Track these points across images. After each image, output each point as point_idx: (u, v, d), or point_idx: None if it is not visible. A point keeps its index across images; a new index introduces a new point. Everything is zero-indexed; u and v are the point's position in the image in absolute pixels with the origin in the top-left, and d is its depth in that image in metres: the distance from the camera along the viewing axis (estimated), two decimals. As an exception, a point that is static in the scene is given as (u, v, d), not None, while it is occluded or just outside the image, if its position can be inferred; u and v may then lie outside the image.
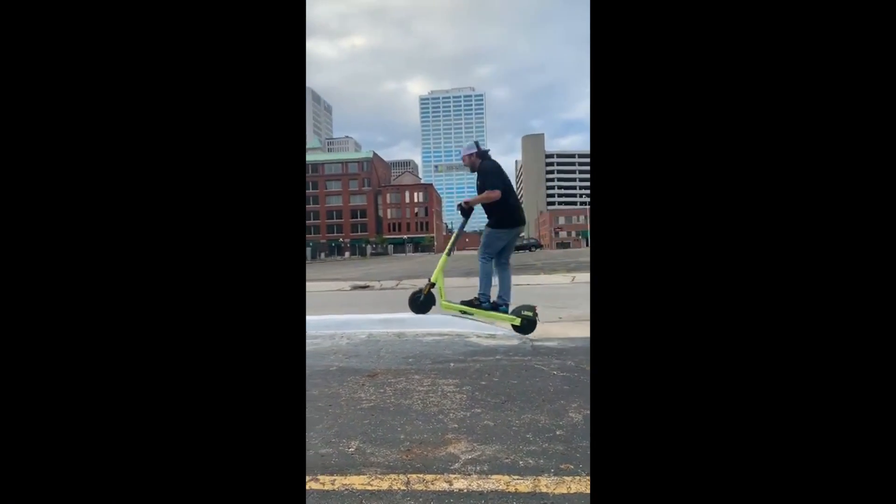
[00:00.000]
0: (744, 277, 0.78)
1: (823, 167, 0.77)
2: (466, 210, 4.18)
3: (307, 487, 1.48)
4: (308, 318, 4.71)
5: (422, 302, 4.14)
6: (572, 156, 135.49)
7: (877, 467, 0.72)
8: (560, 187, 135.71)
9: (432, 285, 4.12)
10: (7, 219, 0.79)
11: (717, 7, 0.79)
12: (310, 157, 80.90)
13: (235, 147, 0.86)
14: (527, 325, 3.93)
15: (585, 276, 9.14)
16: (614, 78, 0.82)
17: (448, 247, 4.42)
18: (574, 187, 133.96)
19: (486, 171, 4.02)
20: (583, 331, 4.08)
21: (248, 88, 0.86)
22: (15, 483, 0.77)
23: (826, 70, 0.76)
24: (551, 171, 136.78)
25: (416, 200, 77.85)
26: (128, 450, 0.80)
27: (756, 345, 0.77)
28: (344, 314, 5.15)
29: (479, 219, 4.04)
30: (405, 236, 75.12)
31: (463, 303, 4.05)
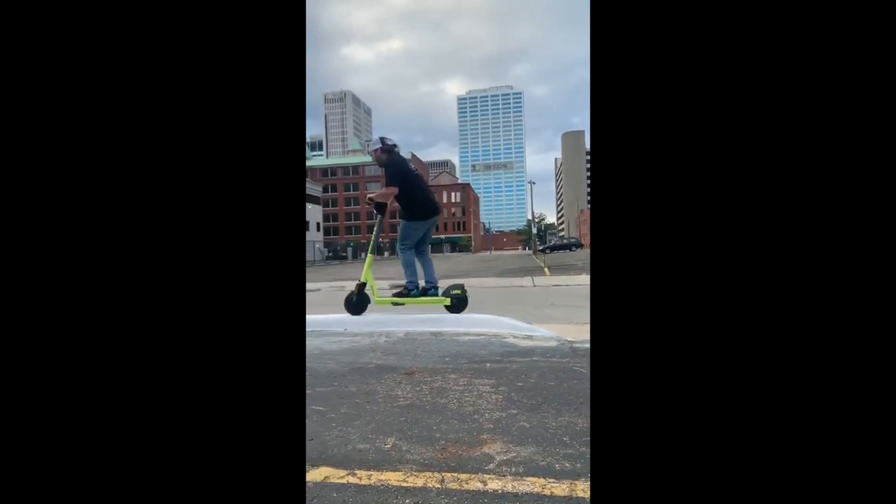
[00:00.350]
0: (745, 278, 0.77)
1: (825, 169, 0.75)
2: (378, 206, 4.33)
3: (345, 481, 1.52)
4: (348, 316, 4.84)
5: (355, 302, 4.30)
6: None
7: (877, 472, 0.71)
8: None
9: (363, 285, 4.27)
10: (7, 219, 0.80)
11: (718, 7, 0.78)
12: (351, 159, 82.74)
13: (235, 147, 0.87)
14: (457, 303, 4.11)
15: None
16: (614, 78, 0.82)
17: (371, 245, 4.54)
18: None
19: (387, 167, 4.22)
20: (624, 333, 3.95)
21: (248, 88, 0.87)
22: (15, 483, 0.77)
23: (829, 73, 0.75)
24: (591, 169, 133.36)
25: (453, 200, 78.00)
26: (128, 449, 0.81)
27: (758, 345, 0.76)
28: (382, 313, 5.24)
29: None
30: (442, 236, 75.43)
31: (394, 294, 4.17)
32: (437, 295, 4.20)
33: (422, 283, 4.36)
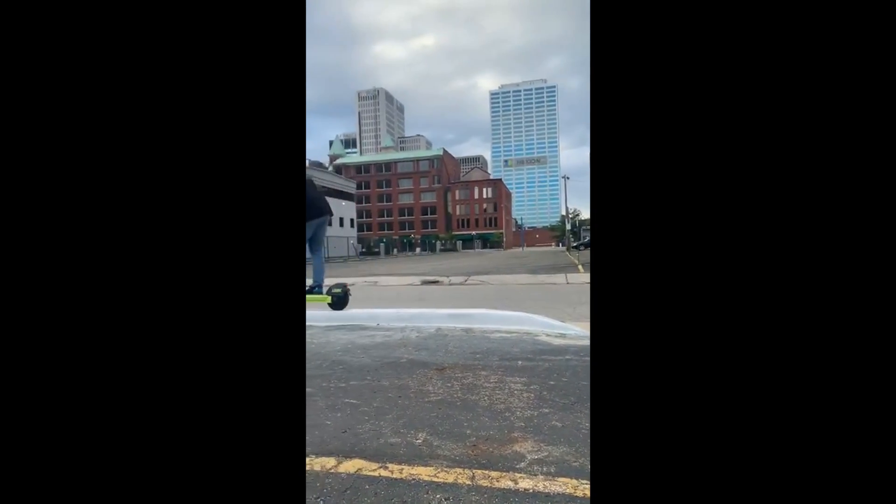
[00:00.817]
0: (746, 278, 0.76)
1: (826, 170, 0.74)
2: None
3: (377, 474, 1.54)
4: (380, 311, 4.92)
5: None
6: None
7: (877, 473, 0.70)
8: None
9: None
10: (7, 220, 0.81)
11: (719, 7, 0.77)
12: (383, 156, 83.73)
13: (235, 148, 0.87)
14: (337, 301, 4.27)
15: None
16: (614, 78, 0.81)
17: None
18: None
19: None
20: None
21: (248, 89, 0.87)
22: (15, 483, 0.78)
23: (830, 74, 0.74)
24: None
25: (484, 196, 77.59)
26: (128, 449, 0.81)
27: (759, 345, 0.75)
28: (415, 308, 5.29)
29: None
30: (474, 232, 75.26)
31: None
32: (320, 293, 4.43)
33: (309, 281, 4.46)
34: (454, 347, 3.46)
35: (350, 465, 1.61)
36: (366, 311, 4.97)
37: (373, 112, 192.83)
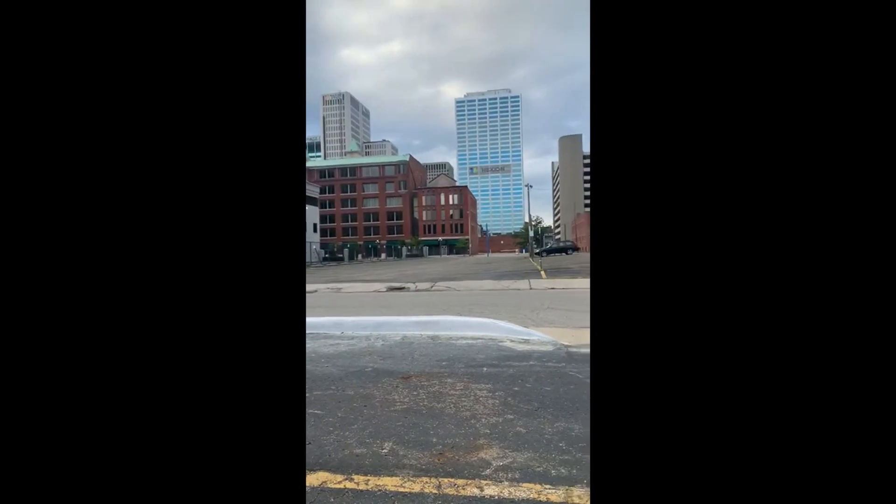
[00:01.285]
0: (746, 279, 0.77)
1: (826, 170, 0.75)
2: None
3: (342, 486, 1.52)
4: (345, 318, 4.84)
5: None
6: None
7: (876, 473, 0.71)
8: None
9: None
10: (7, 220, 0.81)
11: (719, 8, 0.78)
12: (348, 160, 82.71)
13: (236, 148, 0.87)
14: None
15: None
16: (614, 79, 0.81)
17: None
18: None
19: None
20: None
21: (249, 89, 0.87)
22: (15, 483, 0.77)
23: (832, 74, 0.75)
24: (589, 173, 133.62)
25: (451, 203, 78.00)
26: (129, 450, 0.81)
27: (759, 346, 0.76)
28: (380, 316, 5.24)
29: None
30: (440, 238, 75.41)
31: None
32: None
33: None
34: (420, 355, 3.46)
35: (314, 479, 1.58)
36: (330, 319, 4.88)
37: (338, 116, 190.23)
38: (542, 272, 14.03)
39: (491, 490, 1.47)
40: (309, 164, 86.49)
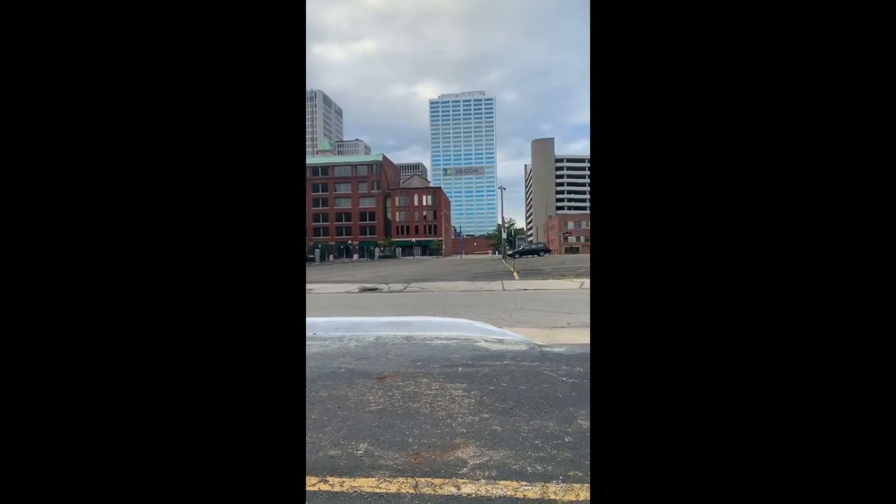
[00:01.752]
0: (747, 279, 0.78)
1: (828, 171, 0.76)
2: None
3: (317, 489, 1.49)
4: (317, 319, 4.75)
5: None
6: (582, 160, 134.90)
7: (876, 474, 0.72)
8: (570, 192, 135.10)
9: None
10: (8, 221, 0.79)
11: (719, 9, 0.78)
12: (320, 159, 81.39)
13: (236, 148, 0.86)
14: None
15: (594, 282, 9.07)
16: (614, 80, 0.82)
17: None
18: (584, 192, 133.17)
19: None
20: (591, 337, 4.06)
21: (249, 89, 0.86)
22: (15, 483, 0.76)
23: (833, 75, 0.76)
24: (560, 176, 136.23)
25: (424, 204, 77.89)
26: (129, 450, 0.80)
27: (758, 346, 0.77)
28: (353, 316, 5.17)
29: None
30: (413, 239, 75.16)
31: None
32: None
33: None
34: (394, 356, 3.43)
35: (287, 482, 1.54)
36: (301, 320, 4.78)
37: (310, 114, 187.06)
38: (515, 273, 14.19)
39: (468, 488, 1.47)
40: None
